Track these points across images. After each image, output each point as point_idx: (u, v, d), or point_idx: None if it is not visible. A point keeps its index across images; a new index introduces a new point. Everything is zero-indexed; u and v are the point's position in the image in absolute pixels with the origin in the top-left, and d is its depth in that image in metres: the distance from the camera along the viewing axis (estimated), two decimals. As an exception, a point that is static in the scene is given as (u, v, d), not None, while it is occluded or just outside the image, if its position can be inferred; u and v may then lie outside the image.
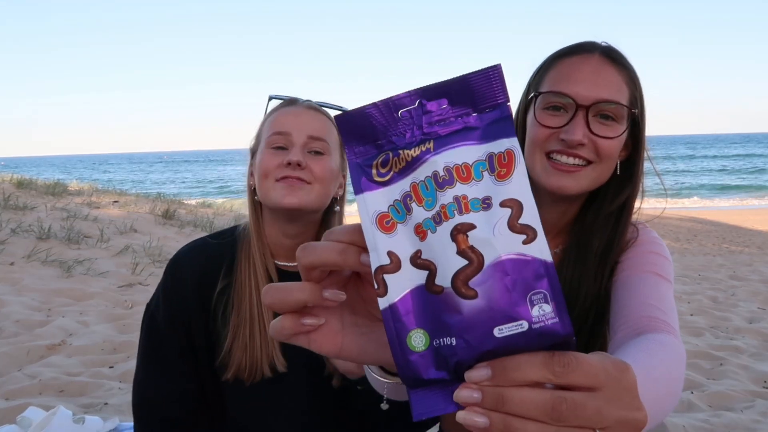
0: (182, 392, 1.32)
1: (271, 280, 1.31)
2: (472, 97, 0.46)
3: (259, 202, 1.33)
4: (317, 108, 1.34)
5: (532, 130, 1.12)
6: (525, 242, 0.43)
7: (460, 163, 0.45)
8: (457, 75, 0.46)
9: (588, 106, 1.07)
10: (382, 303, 0.45)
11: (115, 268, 5.05)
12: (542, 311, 0.42)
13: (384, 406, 0.78)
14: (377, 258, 0.46)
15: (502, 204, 0.44)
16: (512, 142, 0.45)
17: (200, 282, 1.31)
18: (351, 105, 1.41)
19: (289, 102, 1.35)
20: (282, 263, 1.35)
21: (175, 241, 6.39)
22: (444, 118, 0.46)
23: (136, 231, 6.49)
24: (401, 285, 0.45)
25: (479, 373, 0.42)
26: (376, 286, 0.46)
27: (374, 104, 0.47)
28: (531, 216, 0.43)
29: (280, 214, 1.29)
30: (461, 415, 0.43)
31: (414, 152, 0.46)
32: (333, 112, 1.37)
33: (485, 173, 0.45)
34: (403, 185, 0.46)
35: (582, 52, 1.11)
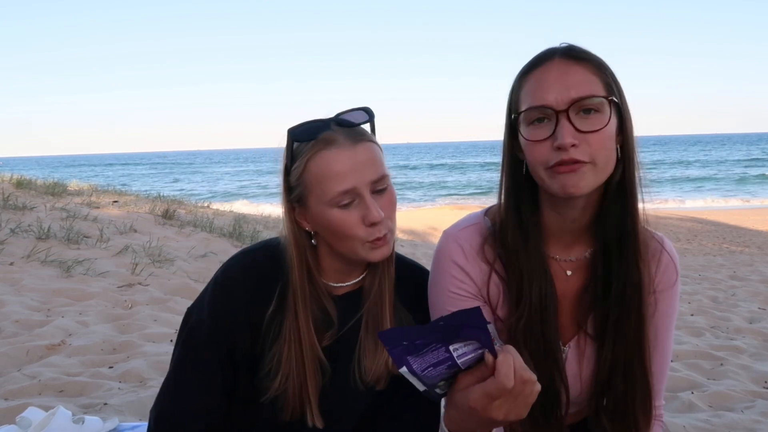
0: (211, 407, 1.29)
1: (327, 315, 1.28)
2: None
3: (314, 243, 1.27)
4: (363, 137, 1.21)
5: (528, 150, 1.16)
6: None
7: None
8: None
9: (566, 109, 1.10)
10: None
11: (115, 268, 5.04)
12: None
13: None
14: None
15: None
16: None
17: (252, 304, 1.27)
18: (365, 103, 1.34)
19: (326, 142, 1.18)
20: (335, 284, 1.32)
21: (175, 241, 6.39)
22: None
23: (136, 231, 6.48)
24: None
25: None
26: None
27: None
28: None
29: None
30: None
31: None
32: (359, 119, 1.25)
33: None
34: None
35: (543, 62, 1.15)
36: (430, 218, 15.01)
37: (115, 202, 8.26)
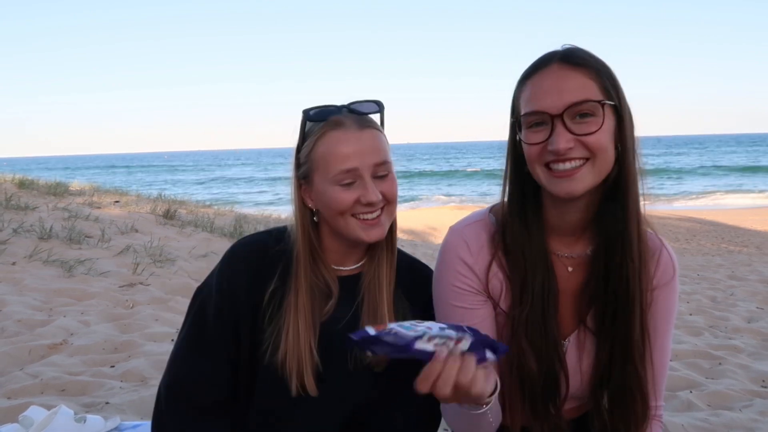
0: (218, 380, 1.33)
1: (330, 291, 1.33)
2: None
3: (316, 221, 1.34)
4: (370, 124, 1.30)
5: (526, 151, 1.21)
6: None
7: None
8: None
9: (561, 114, 1.14)
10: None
11: (116, 268, 5.05)
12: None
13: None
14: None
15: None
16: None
17: (254, 279, 1.33)
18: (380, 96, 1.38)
19: (336, 124, 1.27)
20: (339, 268, 1.37)
21: (176, 241, 6.40)
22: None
23: (137, 231, 6.50)
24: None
25: None
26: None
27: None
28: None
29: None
30: None
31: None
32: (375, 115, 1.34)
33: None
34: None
35: (542, 68, 1.19)
36: (430, 218, 15.02)
37: (117, 202, 8.28)
